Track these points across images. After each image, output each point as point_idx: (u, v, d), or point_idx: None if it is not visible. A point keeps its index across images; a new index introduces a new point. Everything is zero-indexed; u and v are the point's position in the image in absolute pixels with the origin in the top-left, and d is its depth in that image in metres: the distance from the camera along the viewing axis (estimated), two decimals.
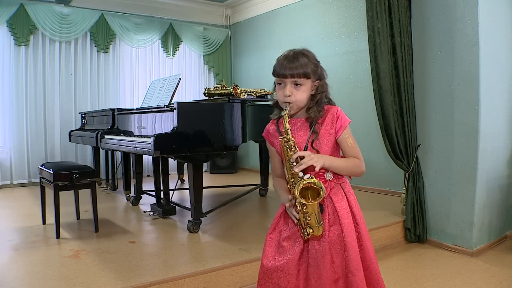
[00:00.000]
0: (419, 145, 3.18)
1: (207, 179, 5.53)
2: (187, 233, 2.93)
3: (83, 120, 5.10)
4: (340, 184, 1.42)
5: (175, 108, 2.74)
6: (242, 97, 3.25)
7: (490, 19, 2.87)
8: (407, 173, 3.18)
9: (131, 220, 3.41)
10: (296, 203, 1.31)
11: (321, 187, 1.27)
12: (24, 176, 5.20)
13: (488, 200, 3.01)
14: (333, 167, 1.36)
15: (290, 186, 1.34)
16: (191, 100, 5.42)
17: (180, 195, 4.37)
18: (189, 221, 2.96)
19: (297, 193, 1.26)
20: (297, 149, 1.32)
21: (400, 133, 3.11)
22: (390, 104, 3.07)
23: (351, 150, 1.39)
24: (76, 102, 5.57)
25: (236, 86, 3.36)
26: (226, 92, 3.42)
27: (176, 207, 3.49)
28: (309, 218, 1.30)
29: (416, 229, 3.16)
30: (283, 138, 1.34)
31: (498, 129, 3.04)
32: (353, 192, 1.46)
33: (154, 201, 3.65)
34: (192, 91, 6.61)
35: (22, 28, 5.05)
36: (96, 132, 3.97)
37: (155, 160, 3.56)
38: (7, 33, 5.02)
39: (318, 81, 1.40)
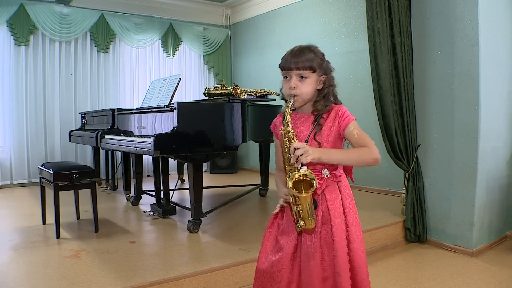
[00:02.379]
0: (419, 145, 3.18)
1: (207, 179, 5.53)
2: (187, 233, 2.93)
3: (83, 120, 5.10)
4: (337, 182, 1.41)
5: (175, 108, 2.74)
6: (242, 97, 3.25)
7: (490, 19, 2.87)
8: (407, 173, 3.18)
9: (131, 220, 3.41)
10: (289, 195, 1.33)
11: (313, 178, 1.27)
12: (24, 176, 5.20)
13: (488, 200, 3.01)
14: (333, 159, 1.32)
15: (287, 178, 1.34)
16: (191, 100, 5.42)
17: (180, 195, 4.36)
18: (189, 221, 2.96)
19: (290, 184, 1.28)
20: (295, 141, 1.32)
21: (400, 133, 3.11)
22: (390, 104, 3.07)
23: (359, 140, 1.35)
24: (76, 102, 5.57)
25: (236, 86, 3.36)
26: (226, 92, 3.42)
27: (176, 207, 3.49)
28: (301, 210, 1.31)
29: (416, 229, 3.16)
30: (283, 129, 1.35)
31: (498, 129, 3.04)
32: (350, 193, 1.44)
33: (154, 201, 3.65)
34: (192, 91, 6.61)
35: (22, 28, 5.05)
36: (96, 132, 3.97)
37: (155, 160, 3.56)
38: (7, 33, 5.01)
39: (324, 75, 1.40)
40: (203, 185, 3.02)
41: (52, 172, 2.82)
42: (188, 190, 3.08)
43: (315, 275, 1.34)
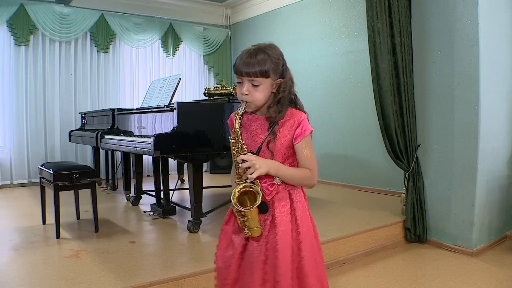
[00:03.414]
0: (419, 145, 3.18)
1: (207, 179, 5.53)
2: (187, 233, 2.93)
3: (83, 120, 5.10)
4: (288, 190, 1.37)
5: (175, 108, 2.74)
6: None
7: (490, 19, 2.87)
8: (407, 173, 3.18)
9: (131, 220, 3.41)
10: (234, 209, 1.31)
11: (257, 192, 1.25)
12: (24, 176, 5.20)
13: (488, 200, 3.01)
14: (280, 175, 1.31)
15: (232, 193, 1.33)
16: (191, 100, 5.42)
17: (180, 195, 4.36)
18: (189, 221, 2.96)
19: (233, 200, 1.27)
20: (244, 151, 1.30)
21: (400, 133, 3.11)
22: (390, 104, 3.07)
23: (306, 161, 1.33)
24: (76, 102, 5.57)
25: (236, 86, 3.36)
26: (226, 92, 3.42)
27: (176, 207, 3.49)
28: (247, 221, 1.30)
29: (416, 229, 3.16)
30: (231, 138, 1.33)
31: (498, 129, 3.04)
32: (303, 200, 1.40)
33: (154, 201, 3.65)
34: (192, 91, 6.61)
35: (22, 28, 5.05)
36: (96, 132, 3.98)
37: (155, 160, 3.56)
38: (7, 33, 5.01)
39: (280, 79, 1.32)
40: (203, 185, 3.02)
41: (52, 172, 2.82)
42: (188, 190, 3.08)
43: (255, 276, 1.33)
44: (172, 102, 2.96)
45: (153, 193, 3.71)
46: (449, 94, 2.98)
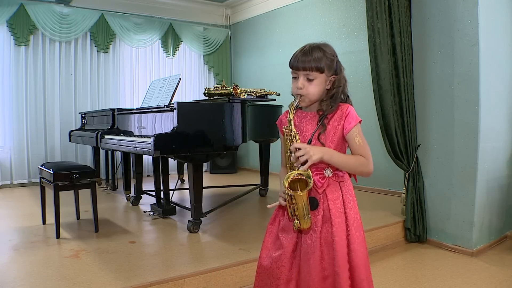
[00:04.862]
0: (419, 145, 3.18)
1: (207, 179, 5.53)
2: (187, 233, 2.93)
3: (83, 120, 5.10)
4: (339, 182, 1.40)
5: (175, 108, 2.74)
6: (242, 97, 3.25)
7: (490, 19, 2.87)
8: (407, 173, 3.18)
9: (131, 220, 3.41)
10: (285, 194, 1.33)
11: (309, 177, 1.27)
12: (24, 176, 5.20)
13: (488, 200, 3.01)
14: (333, 162, 1.33)
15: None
16: (191, 100, 5.42)
17: (180, 195, 4.37)
18: (189, 221, 2.97)
19: (286, 184, 1.28)
20: (297, 140, 1.33)
21: (400, 133, 3.11)
22: (390, 104, 3.07)
23: (359, 149, 1.37)
24: (76, 102, 5.57)
25: (236, 86, 3.36)
26: (226, 92, 3.42)
27: (176, 207, 3.49)
28: (297, 210, 1.31)
29: (416, 229, 3.16)
30: (285, 128, 1.36)
31: (498, 129, 3.04)
32: (352, 193, 1.43)
33: (154, 201, 3.65)
34: (192, 91, 6.61)
35: (22, 28, 5.05)
36: (96, 132, 3.97)
37: (155, 160, 3.56)
38: (7, 33, 5.01)
39: (334, 75, 1.39)
40: (203, 185, 3.02)
41: (52, 172, 2.82)
42: (188, 190, 3.08)
43: (314, 274, 1.34)
44: (172, 102, 2.96)
45: (153, 193, 3.71)
46: (449, 94, 2.98)
